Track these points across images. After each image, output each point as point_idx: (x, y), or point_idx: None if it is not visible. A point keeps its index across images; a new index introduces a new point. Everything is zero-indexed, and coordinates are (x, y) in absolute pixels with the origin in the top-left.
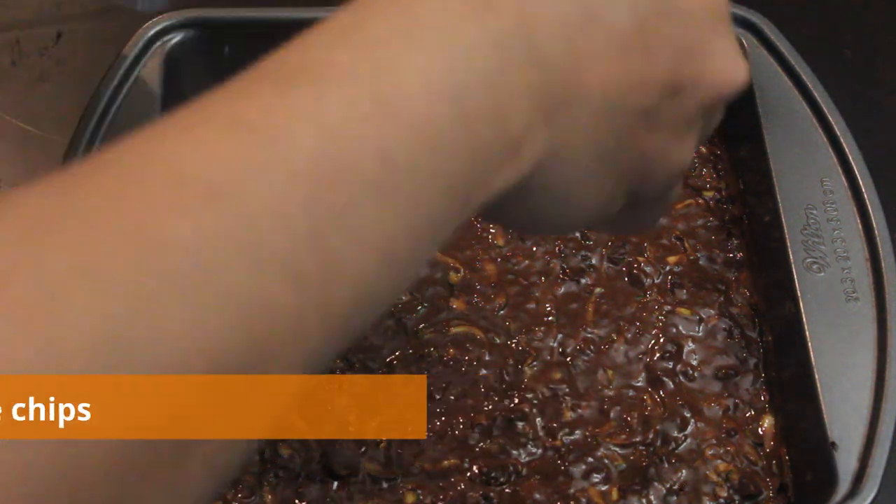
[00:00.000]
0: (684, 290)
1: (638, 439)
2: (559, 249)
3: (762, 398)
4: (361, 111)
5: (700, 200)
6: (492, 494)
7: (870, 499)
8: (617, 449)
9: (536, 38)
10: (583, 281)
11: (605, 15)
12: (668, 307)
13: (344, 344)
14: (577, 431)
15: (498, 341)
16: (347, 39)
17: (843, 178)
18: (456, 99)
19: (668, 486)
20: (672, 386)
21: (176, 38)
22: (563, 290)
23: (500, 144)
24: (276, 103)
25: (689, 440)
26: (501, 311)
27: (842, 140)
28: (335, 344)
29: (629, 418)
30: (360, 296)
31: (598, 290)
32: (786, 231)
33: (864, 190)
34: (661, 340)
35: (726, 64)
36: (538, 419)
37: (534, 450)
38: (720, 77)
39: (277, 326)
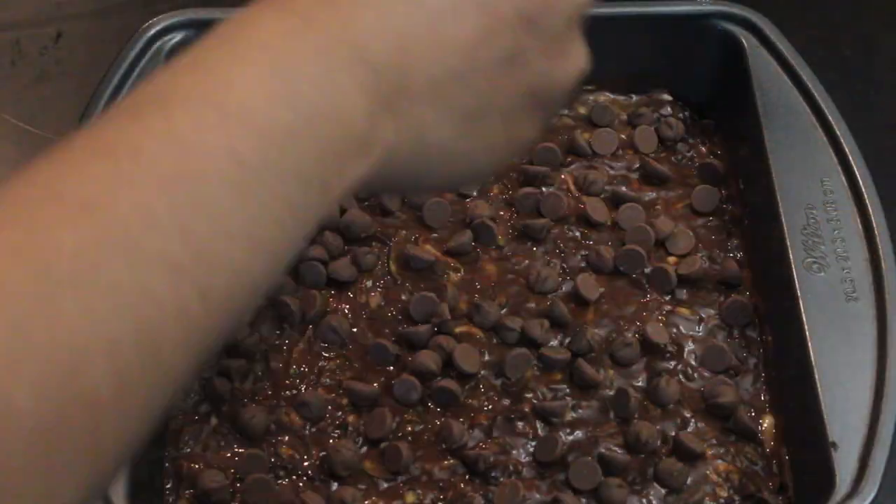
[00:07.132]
0: (684, 290)
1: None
2: (559, 249)
3: (762, 398)
4: (208, 122)
5: None
6: (491, 494)
7: (870, 499)
8: (617, 449)
9: (359, 39)
10: None
11: None
12: (668, 307)
13: (229, 325)
14: (577, 431)
15: (497, 341)
16: (189, 68)
17: (843, 178)
18: (292, 102)
19: (668, 486)
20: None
21: (176, 37)
22: (563, 289)
23: (346, 137)
24: (130, 126)
25: (689, 440)
26: (502, 311)
27: (842, 140)
28: (219, 327)
29: (629, 418)
30: (235, 281)
31: (598, 289)
32: (786, 231)
33: (864, 190)
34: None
35: None
36: (538, 419)
37: (533, 449)
38: None
39: (161, 313)
